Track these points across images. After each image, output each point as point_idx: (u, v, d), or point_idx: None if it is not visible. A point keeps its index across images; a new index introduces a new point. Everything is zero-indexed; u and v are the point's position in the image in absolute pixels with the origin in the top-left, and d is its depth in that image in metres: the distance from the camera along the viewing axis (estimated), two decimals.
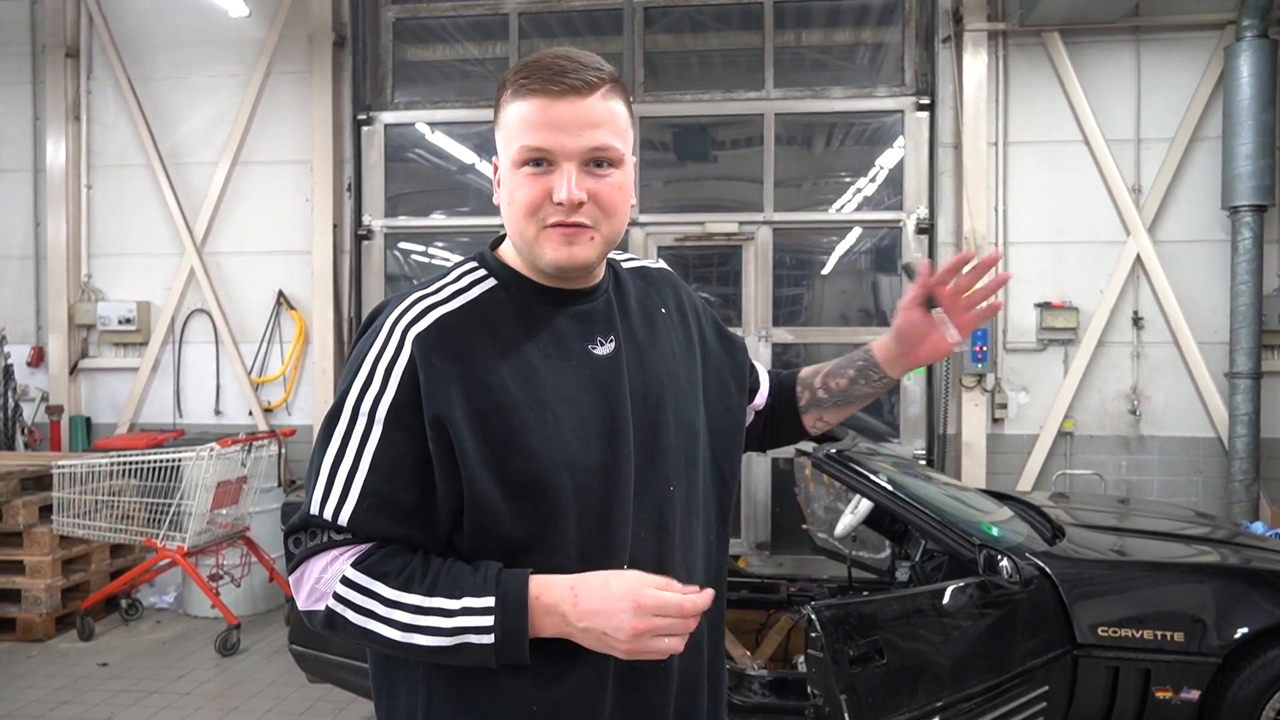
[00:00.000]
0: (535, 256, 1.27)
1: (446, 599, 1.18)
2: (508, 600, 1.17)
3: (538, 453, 1.23)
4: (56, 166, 6.66)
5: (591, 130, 1.22)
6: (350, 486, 1.22)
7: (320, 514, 1.23)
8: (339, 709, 4.28)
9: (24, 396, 6.66)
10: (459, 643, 1.17)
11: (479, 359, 1.25)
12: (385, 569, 1.21)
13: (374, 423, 1.23)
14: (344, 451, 1.23)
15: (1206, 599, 3.22)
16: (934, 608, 2.92)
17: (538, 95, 1.22)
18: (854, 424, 6.05)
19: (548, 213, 1.23)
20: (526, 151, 1.23)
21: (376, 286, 6.54)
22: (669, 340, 1.41)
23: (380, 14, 6.60)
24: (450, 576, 1.20)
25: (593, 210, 1.24)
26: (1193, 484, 5.88)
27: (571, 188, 1.21)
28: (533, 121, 1.22)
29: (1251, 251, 5.53)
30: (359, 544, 1.23)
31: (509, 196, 1.26)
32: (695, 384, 1.42)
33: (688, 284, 1.56)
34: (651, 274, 1.49)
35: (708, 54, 6.58)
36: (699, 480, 1.39)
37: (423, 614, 1.18)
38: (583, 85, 1.22)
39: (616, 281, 1.41)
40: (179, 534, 5.13)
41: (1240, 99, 5.48)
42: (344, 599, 1.21)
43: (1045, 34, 5.86)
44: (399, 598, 1.19)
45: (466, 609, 1.17)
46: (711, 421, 1.43)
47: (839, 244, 6.40)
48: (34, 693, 4.52)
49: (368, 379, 1.25)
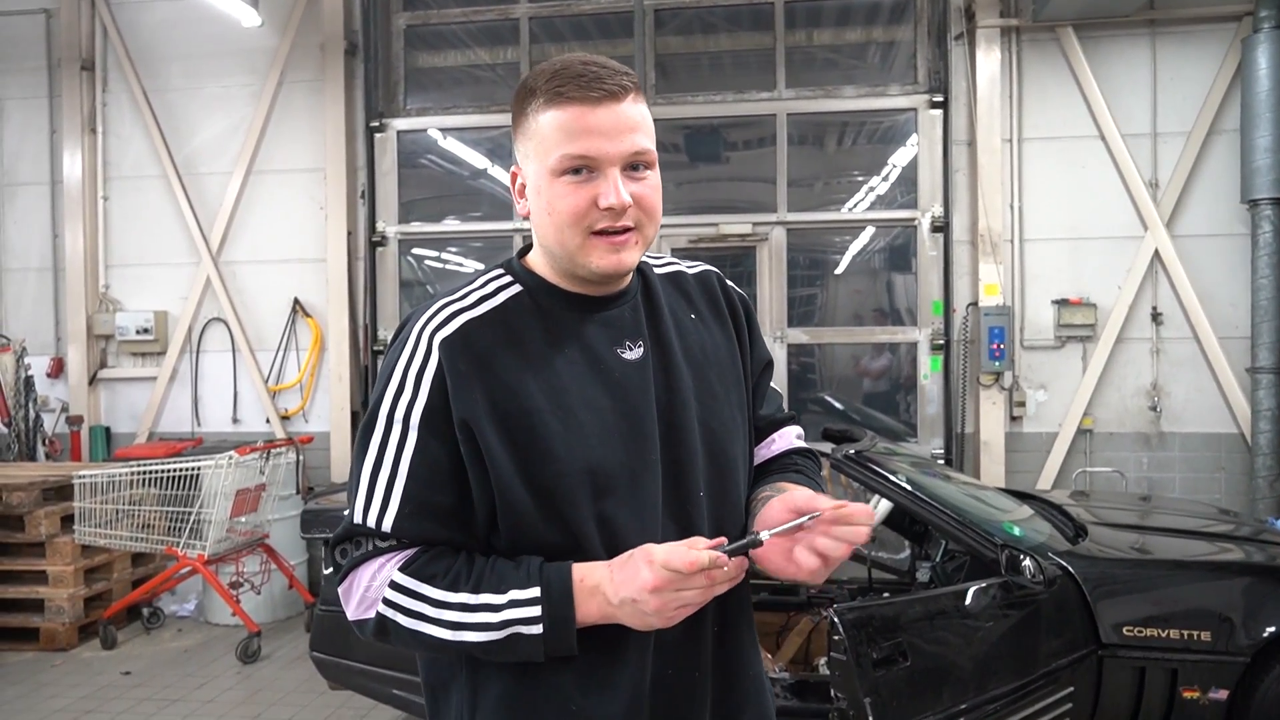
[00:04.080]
0: (579, 265, 1.26)
1: (493, 594, 1.20)
2: (552, 589, 1.19)
3: (561, 457, 1.24)
4: (73, 179, 6.71)
5: (631, 134, 1.23)
6: (390, 494, 1.25)
7: (364, 523, 1.25)
8: (360, 715, 4.28)
9: (44, 407, 6.71)
10: (509, 635, 1.19)
11: (503, 364, 1.26)
12: (431, 571, 1.23)
13: (409, 429, 1.25)
14: (381, 460, 1.26)
15: (1233, 597, 3.18)
16: (957, 609, 2.90)
17: (576, 103, 1.21)
18: (872, 424, 6.04)
19: (594, 220, 1.23)
20: (569, 160, 1.22)
21: (391, 293, 6.56)
22: (700, 345, 1.39)
23: (391, 21, 6.62)
24: (495, 573, 1.22)
25: (636, 213, 1.25)
26: (1215, 481, 5.82)
27: (620, 192, 1.21)
28: (573, 129, 1.21)
29: (1272, 245, 5.47)
30: (404, 550, 1.25)
31: (548, 205, 1.25)
32: (730, 386, 1.40)
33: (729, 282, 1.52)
34: (686, 279, 1.46)
35: (718, 55, 6.57)
36: (732, 487, 1.38)
37: (471, 611, 1.20)
38: (619, 90, 1.22)
39: (645, 286, 1.39)
40: (199, 542, 5.16)
41: (1258, 91, 5.43)
42: (393, 603, 1.23)
43: (1059, 29, 5.82)
44: (447, 597, 1.21)
45: (513, 601, 1.19)
46: (748, 421, 1.43)
47: (853, 244, 6.38)
48: (58, 702, 4.55)
49: (399, 387, 1.27)
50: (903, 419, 6.21)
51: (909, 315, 6.15)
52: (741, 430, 1.41)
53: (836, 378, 6.37)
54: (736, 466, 1.39)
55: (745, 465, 1.42)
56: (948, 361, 6.02)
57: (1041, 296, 5.91)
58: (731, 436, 1.38)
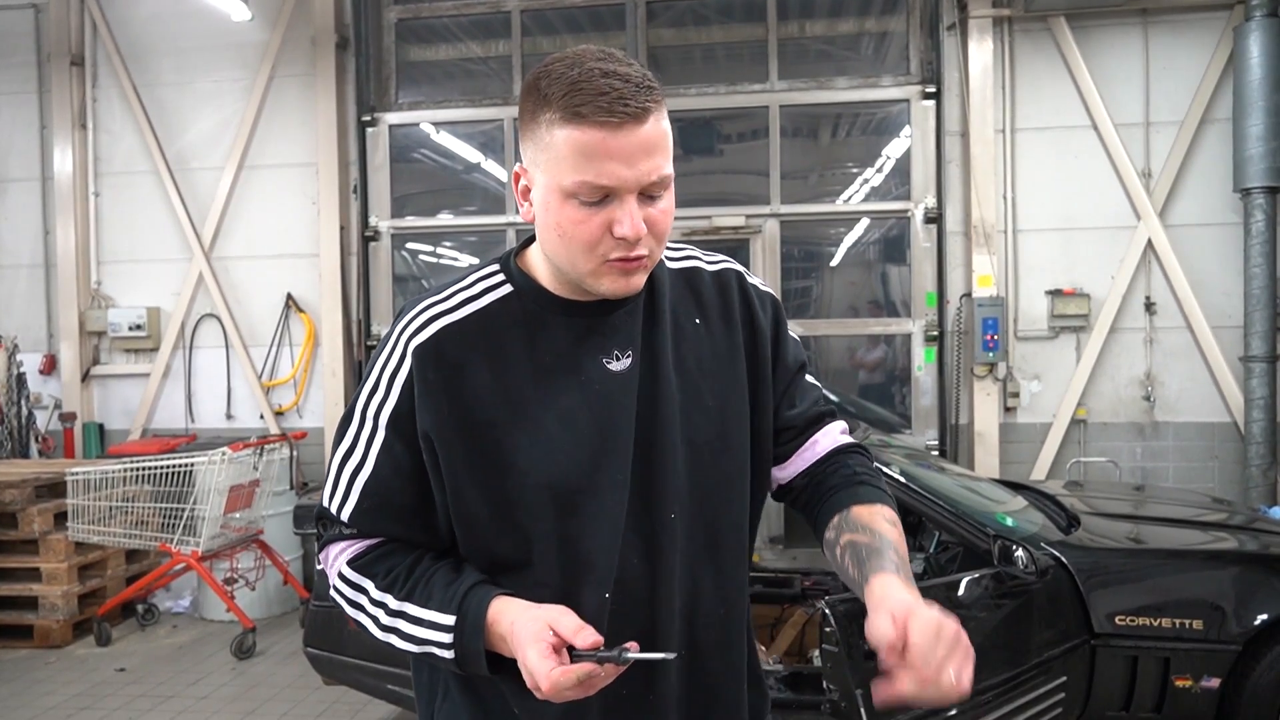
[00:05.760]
0: (588, 285, 1.22)
1: (418, 607, 1.23)
2: (466, 622, 1.20)
3: (524, 470, 1.22)
4: (64, 175, 6.68)
5: (651, 159, 1.15)
6: (352, 487, 1.29)
7: (328, 508, 1.32)
8: (355, 711, 4.28)
9: (37, 404, 6.69)
10: (423, 650, 1.23)
11: (474, 373, 1.24)
12: (375, 570, 1.28)
13: (378, 428, 1.28)
14: (351, 452, 1.30)
15: (1225, 586, 3.19)
16: (949, 600, 2.90)
17: (595, 127, 1.12)
18: (866, 416, 6.04)
19: (609, 248, 1.17)
20: (584, 187, 1.14)
21: (385, 288, 6.55)
22: (695, 354, 1.32)
23: (382, 14, 6.59)
24: (427, 586, 1.24)
25: (649, 240, 1.19)
26: (1209, 469, 5.83)
27: (636, 222, 1.15)
28: (591, 154, 1.13)
29: (1264, 234, 5.48)
30: (359, 540, 1.30)
31: (558, 226, 1.18)
32: (728, 398, 1.33)
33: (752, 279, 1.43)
34: (701, 276, 1.37)
35: (711, 47, 6.55)
36: (722, 504, 1.32)
37: (394, 617, 1.25)
38: (641, 112, 1.13)
39: (651, 287, 1.31)
40: (193, 538, 5.15)
41: (1250, 80, 5.43)
42: (339, 591, 1.31)
43: (1051, 19, 5.82)
44: (379, 597, 1.26)
45: (431, 623, 1.22)
46: (757, 431, 1.36)
47: (847, 235, 6.37)
48: (52, 699, 4.54)
49: (375, 385, 1.29)
50: (897, 410, 6.21)
51: (903, 307, 6.15)
52: (740, 443, 1.33)
53: (831, 370, 6.37)
54: (731, 480, 1.32)
55: (746, 477, 1.35)
56: (942, 353, 6.02)
57: (1035, 287, 5.91)
58: (721, 451, 1.31)
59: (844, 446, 1.44)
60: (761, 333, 1.37)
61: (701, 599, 1.31)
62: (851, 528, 1.30)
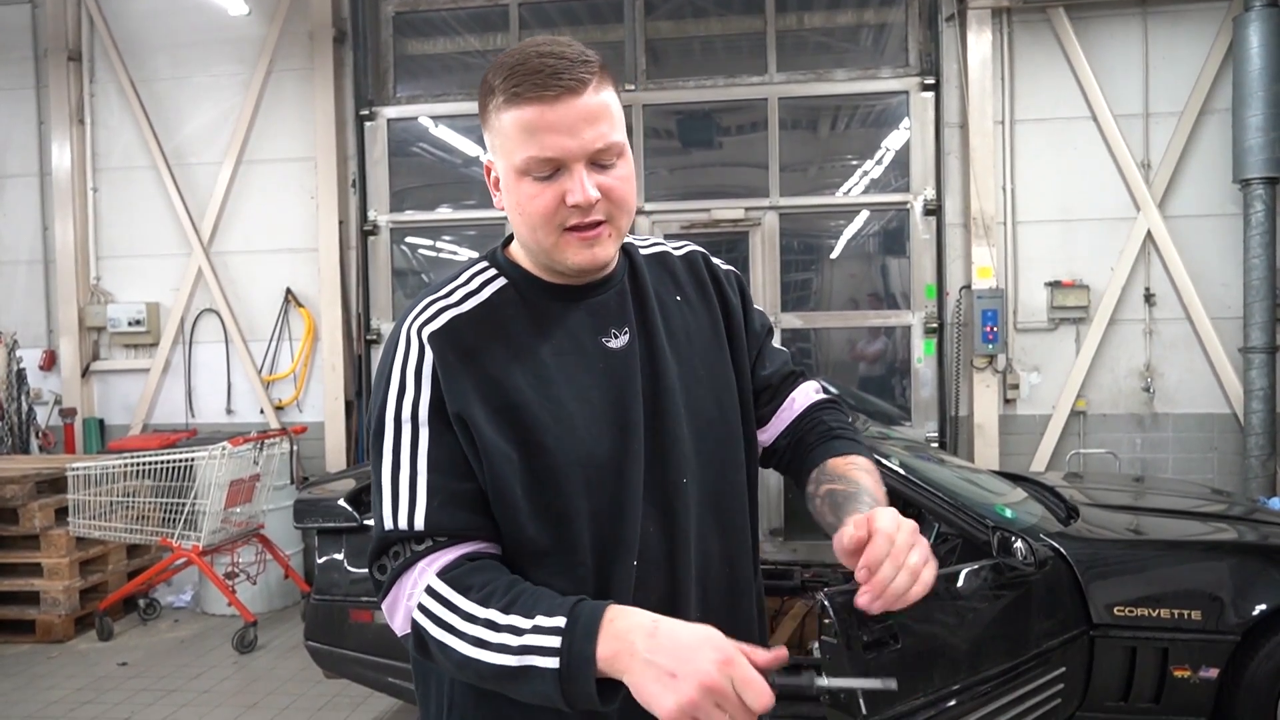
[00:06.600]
0: (555, 262, 1.26)
1: (522, 617, 1.13)
2: (578, 625, 1.10)
3: (552, 450, 1.23)
4: (62, 170, 6.67)
5: (593, 128, 1.19)
6: (416, 491, 1.22)
7: (395, 527, 1.22)
8: (356, 704, 4.30)
9: (37, 400, 6.70)
10: (524, 664, 1.10)
11: (491, 358, 1.25)
12: (469, 582, 1.18)
13: (419, 425, 1.24)
14: (399, 461, 1.24)
15: (1224, 576, 3.20)
16: (948, 591, 2.90)
17: (533, 103, 1.18)
18: (866, 408, 6.05)
19: (564, 217, 1.21)
20: (532, 162, 1.19)
21: (384, 282, 6.54)
22: (684, 328, 1.38)
23: (380, 8, 6.58)
24: (530, 596, 1.16)
25: (606, 206, 1.22)
26: (1208, 461, 5.83)
27: (586, 189, 1.19)
28: (533, 129, 1.18)
29: (1264, 225, 5.47)
30: (443, 550, 1.21)
31: (518, 206, 1.23)
32: (716, 368, 1.40)
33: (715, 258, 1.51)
34: (671, 260, 1.45)
35: (710, 39, 6.53)
36: (722, 469, 1.37)
37: (495, 630, 1.13)
38: (576, 84, 1.18)
39: (632, 270, 1.38)
40: (194, 533, 5.16)
41: (1250, 70, 5.42)
42: (426, 609, 1.18)
43: (1050, 10, 5.80)
44: (476, 611, 1.15)
45: (537, 627, 1.11)
46: (743, 398, 1.42)
47: (846, 227, 6.37)
48: (55, 693, 4.55)
49: (400, 387, 1.25)
50: (897, 402, 6.22)
51: (903, 299, 6.14)
52: (731, 410, 1.40)
53: (831, 362, 6.37)
54: (728, 446, 1.38)
55: (741, 443, 1.41)
56: (941, 345, 6.02)
57: (1034, 279, 5.91)
58: (718, 419, 1.38)
59: (819, 403, 1.52)
60: (731, 305, 1.45)
61: (711, 563, 1.35)
62: (829, 479, 1.38)
